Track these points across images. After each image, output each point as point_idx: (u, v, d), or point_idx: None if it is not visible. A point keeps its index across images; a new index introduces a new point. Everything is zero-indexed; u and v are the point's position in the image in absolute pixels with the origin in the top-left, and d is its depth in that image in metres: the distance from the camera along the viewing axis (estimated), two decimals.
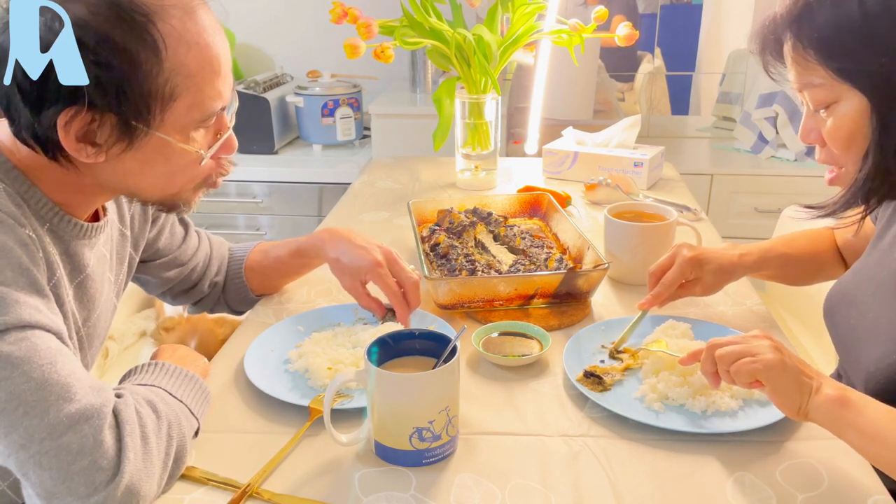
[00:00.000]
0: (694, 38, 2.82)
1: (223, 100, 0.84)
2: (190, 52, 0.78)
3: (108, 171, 0.83)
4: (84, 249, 0.90)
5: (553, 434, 0.90)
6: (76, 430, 0.70)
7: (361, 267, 1.11)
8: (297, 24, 2.81)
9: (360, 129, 2.60)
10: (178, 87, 0.79)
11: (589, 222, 1.59)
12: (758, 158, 2.59)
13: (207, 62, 0.80)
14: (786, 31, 0.87)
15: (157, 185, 0.87)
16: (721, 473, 0.82)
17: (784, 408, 0.80)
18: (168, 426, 0.80)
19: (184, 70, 0.78)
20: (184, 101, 0.80)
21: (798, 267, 1.19)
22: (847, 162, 0.88)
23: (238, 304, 1.27)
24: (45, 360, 0.71)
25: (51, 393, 0.70)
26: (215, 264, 1.24)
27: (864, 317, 0.93)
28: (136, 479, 0.73)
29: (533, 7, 1.68)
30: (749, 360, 0.81)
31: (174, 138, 0.81)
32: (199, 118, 0.82)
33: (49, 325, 0.75)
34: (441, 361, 0.86)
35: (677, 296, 1.12)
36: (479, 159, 1.78)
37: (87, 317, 0.93)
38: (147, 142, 0.80)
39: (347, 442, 0.85)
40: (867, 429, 0.75)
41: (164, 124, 0.80)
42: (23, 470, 0.71)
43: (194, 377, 0.91)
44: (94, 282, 0.93)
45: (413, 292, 1.11)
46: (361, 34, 1.53)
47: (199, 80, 0.80)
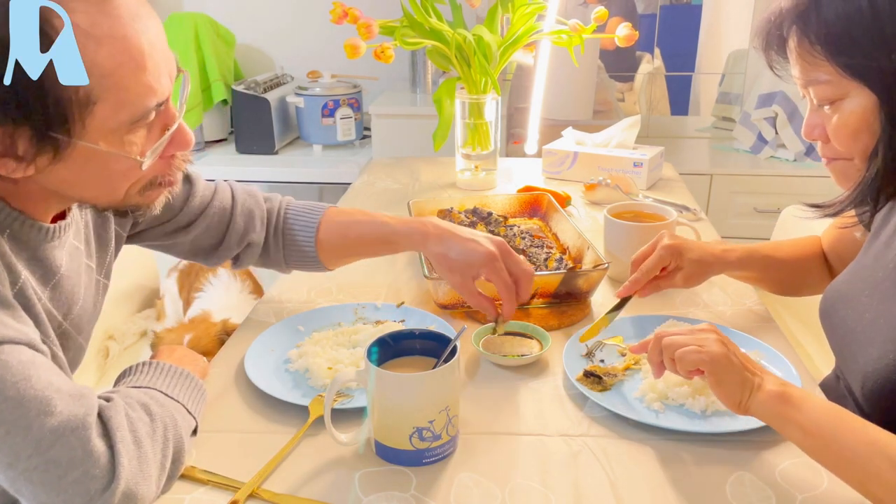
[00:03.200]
0: (693, 39, 2.82)
1: (156, 94, 0.74)
2: (101, 49, 0.69)
3: (47, 181, 0.76)
4: (54, 252, 0.85)
5: (553, 434, 0.90)
6: (62, 442, 0.69)
7: (475, 261, 1.02)
8: (298, 25, 2.81)
9: (361, 129, 2.60)
10: (95, 90, 0.69)
11: (589, 222, 1.60)
12: (757, 158, 2.59)
13: (127, 56, 0.70)
14: (791, 26, 0.85)
15: (101, 193, 0.80)
16: (721, 473, 0.82)
17: (726, 401, 0.81)
18: (163, 428, 0.79)
19: (96, 69, 0.69)
20: (105, 104, 0.71)
21: (782, 271, 1.18)
22: (853, 155, 0.87)
23: (295, 266, 1.17)
24: (18, 376, 0.69)
25: (30, 409, 0.68)
26: (249, 220, 1.11)
27: (861, 317, 0.92)
28: (133, 484, 0.72)
29: (533, 7, 1.68)
30: (694, 350, 0.82)
31: (103, 145, 0.73)
32: (129, 119, 0.73)
33: (17, 337, 0.72)
34: (441, 361, 0.86)
35: (658, 286, 1.11)
36: (479, 159, 1.78)
37: (69, 310, 0.89)
38: (74, 151, 0.72)
39: (347, 442, 0.85)
40: (806, 425, 0.75)
41: (88, 131, 0.72)
42: (15, 487, 0.70)
43: (189, 375, 0.90)
44: (71, 278, 0.89)
45: (526, 285, 1.04)
46: (362, 34, 1.53)
47: (119, 77, 0.71)
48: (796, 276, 1.19)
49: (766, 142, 2.59)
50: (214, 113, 2.64)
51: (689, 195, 1.77)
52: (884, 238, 0.96)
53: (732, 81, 2.82)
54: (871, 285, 0.93)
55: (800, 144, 2.52)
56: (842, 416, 0.75)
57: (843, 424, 0.74)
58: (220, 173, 2.46)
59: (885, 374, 0.85)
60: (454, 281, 1.05)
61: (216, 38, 2.59)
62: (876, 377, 0.87)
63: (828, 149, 0.90)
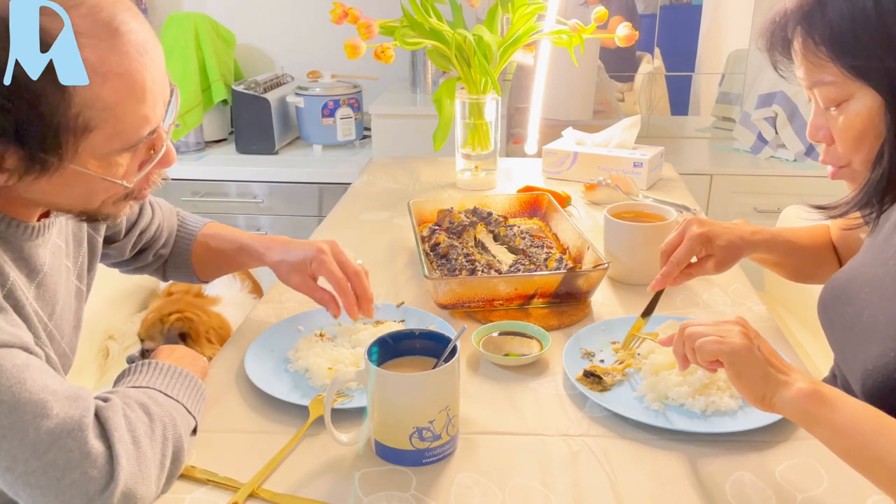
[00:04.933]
0: (693, 39, 2.82)
1: (151, 124, 0.78)
2: (106, 84, 0.71)
3: (28, 191, 0.78)
4: (38, 250, 0.86)
5: (553, 434, 0.90)
6: (59, 445, 0.70)
7: (306, 258, 1.07)
8: (298, 25, 2.81)
9: (361, 129, 2.60)
10: (94, 120, 0.72)
11: (589, 222, 1.60)
12: (757, 158, 2.59)
13: (128, 91, 0.73)
14: (796, 26, 0.84)
15: (77, 204, 0.82)
16: (721, 473, 0.82)
17: (746, 394, 0.79)
18: (163, 427, 0.79)
19: (98, 103, 0.71)
20: (101, 133, 0.73)
21: (801, 257, 1.18)
22: (854, 161, 0.86)
23: (177, 276, 1.23)
24: (13, 380, 0.69)
25: (25, 412, 0.69)
26: (164, 235, 1.18)
27: (861, 314, 0.92)
28: (132, 484, 0.72)
29: (533, 7, 1.68)
30: (714, 340, 0.80)
31: (91, 167, 0.75)
32: (121, 147, 0.76)
33: (10, 340, 0.72)
34: (441, 361, 0.86)
35: (690, 274, 1.11)
36: (479, 159, 1.78)
37: (52, 311, 0.90)
38: (61, 172, 0.74)
39: (347, 442, 0.85)
40: (842, 426, 0.73)
41: (80, 155, 0.74)
42: (13, 490, 0.70)
43: (188, 374, 0.91)
44: (53, 276, 0.90)
45: (357, 280, 1.06)
46: (362, 34, 1.53)
47: (119, 110, 0.73)
48: (812, 263, 1.19)
49: (766, 142, 2.59)
50: (214, 113, 2.64)
51: (689, 195, 1.77)
52: (883, 236, 0.95)
53: (732, 81, 2.82)
54: (870, 282, 0.93)
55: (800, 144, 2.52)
56: (880, 419, 0.73)
57: (883, 427, 0.72)
58: (220, 173, 2.46)
59: (885, 372, 0.85)
60: (295, 282, 1.10)
61: (216, 38, 2.59)
62: (876, 374, 0.87)
63: (830, 152, 0.88)
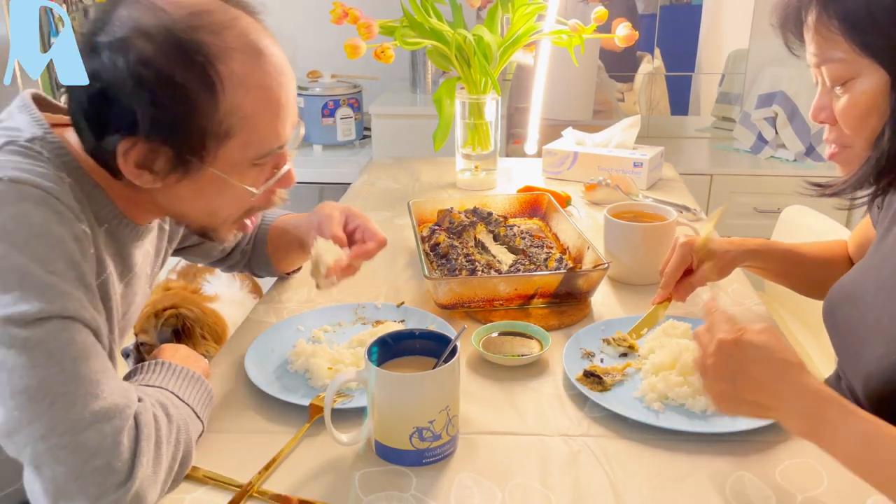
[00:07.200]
0: (693, 39, 2.82)
1: (280, 139, 0.85)
2: (248, 95, 0.80)
3: (163, 195, 0.86)
4: (136, 251, 0.94)
5: (553, 434, 0.90)
6: (97, 428, 0.71)
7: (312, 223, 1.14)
8: (298, 25, 2.81)
9: (361, 129, 2.60)
10: (234, 127, 0.80)
11: (589, 222, 1.60)
12: (757, 159, 2.59)
13: (266, 105, 0.82)
14: (811, 2, 0.85)
15: (204, 215, 0.89)
16: (721, 473, 0.82)
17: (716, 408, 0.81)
18: (177, 431, 0.80)
19: (240, 111, 0.80)
20: (238, 140, 0.81)
21: (806, 267, 1.18)
22: (856, 142, 0.87)
23: (261, 271, 1.30)
24: (80, 354, 0.72)
25: (80, 387, 0.71)
26: (247, 234, 1.24)
27: (866, 316, 0.92)
28: (146, 486, 0.73)
29: (533, 7, 1.68)
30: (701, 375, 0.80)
31: (227, 173, 0.83)
32: (254, 156, 0.84)
33: (90, 321, 0.75)
34: (441, 361, 0.86)
35: (692, 285, 1.12)
36: (479, 159, 1.78)
37: (127, 310, 0.96)
38: (201, 174, 0.82)
39: (347, 442, 0.85)
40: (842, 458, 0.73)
41: (218, 160, 0.82)
42: (36, 462, 0.70)
43: (199, 378, 0.91)
44: (138, 279, 0.97)
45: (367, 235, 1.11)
46: (362, 34, 1.53)
47: (256, 122, 0.81)
48: (829, 276, 1.16)
49: (766, 142, 2.59)
50: None
51: (689, 195, 1.77)
52: (891, 239, 0.96)
53: (732, 81, 2.83)
54: (877, 284, 0.93)
55: (800, 144, 2.52)
56: (881, 438, 0.71)
57: (885, 447, 0.71)
58: None
59: (889, 374, 0.85)
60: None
61: None
62: (879, 376, 0.87)
63: (834, 132, 0.89)
